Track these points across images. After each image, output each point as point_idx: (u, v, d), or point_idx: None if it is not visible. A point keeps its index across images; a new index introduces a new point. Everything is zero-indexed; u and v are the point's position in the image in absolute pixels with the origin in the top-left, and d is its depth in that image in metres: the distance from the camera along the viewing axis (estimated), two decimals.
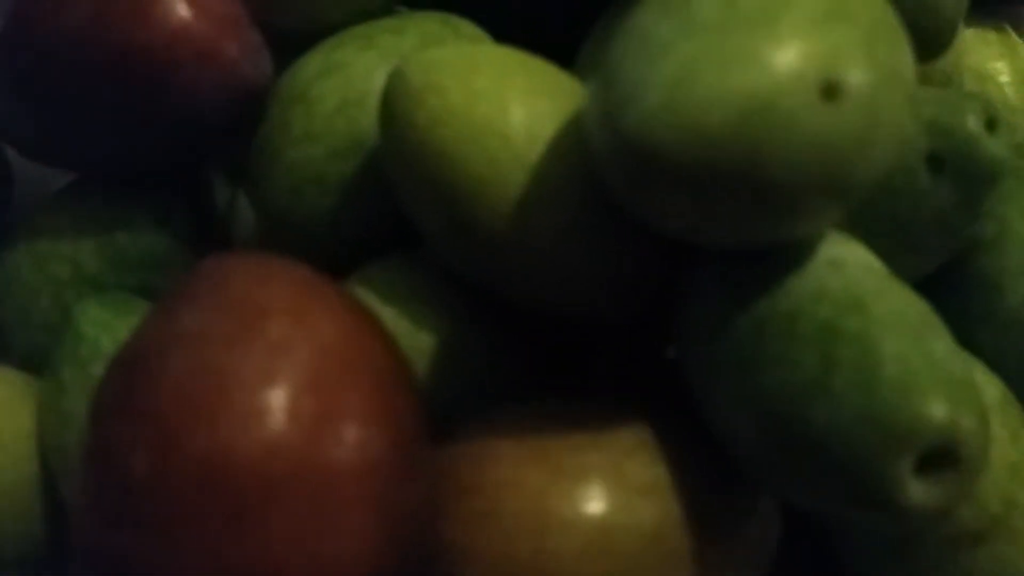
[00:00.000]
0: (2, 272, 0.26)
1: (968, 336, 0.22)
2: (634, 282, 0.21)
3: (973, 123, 0.21)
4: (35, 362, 0.26)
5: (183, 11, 0.22)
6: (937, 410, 0.17)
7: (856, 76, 0.16)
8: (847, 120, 0.16)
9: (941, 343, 0.18)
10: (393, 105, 0.21)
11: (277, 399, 0.16)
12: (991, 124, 0.21)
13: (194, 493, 0.16)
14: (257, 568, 0.16)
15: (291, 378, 0.17)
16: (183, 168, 0.26)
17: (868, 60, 0.17)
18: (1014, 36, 0.29)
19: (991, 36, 0.28)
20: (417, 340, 0.22)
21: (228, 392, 0.16)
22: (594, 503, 0.19)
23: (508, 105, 0.20)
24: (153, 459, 0.16)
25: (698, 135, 0.16)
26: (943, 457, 0.17)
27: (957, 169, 0.21)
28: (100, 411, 0.17)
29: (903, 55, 0.17)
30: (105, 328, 0.24)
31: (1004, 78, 0.28)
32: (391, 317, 0.22)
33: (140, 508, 0.16)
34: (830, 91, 0.16)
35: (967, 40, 0.27)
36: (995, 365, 0.22)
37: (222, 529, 0.16)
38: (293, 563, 0.16)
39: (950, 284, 0.23)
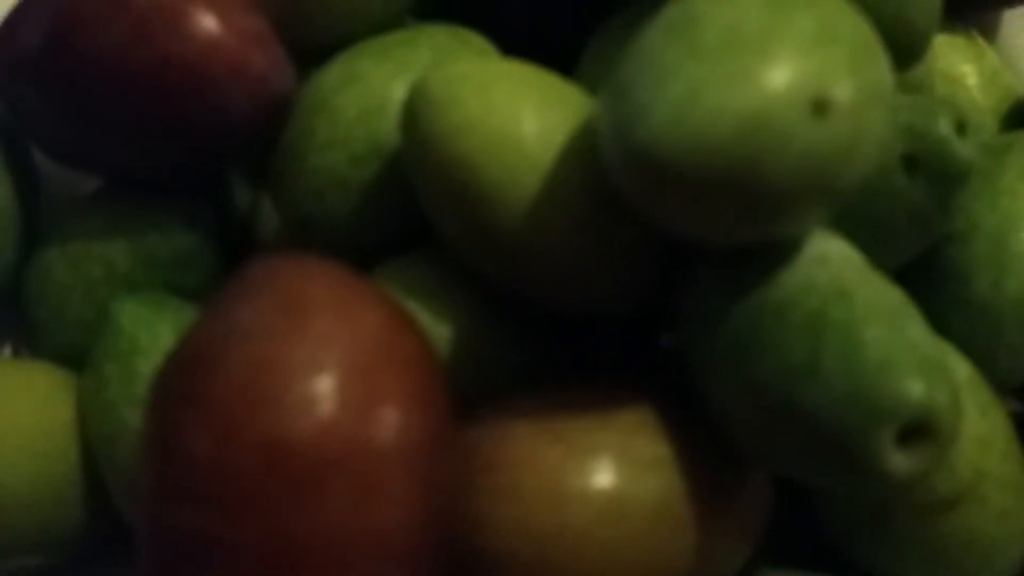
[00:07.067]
0: (35, 273, 0.27)
1: (940, 322, 0.23)
2: (638, 279, 0.22)
3: (944, 127, 0.22)
4: (68, 358, 0.27)
5: (216, 28, 0.24)
6: (915, 388, 0.19)
7: (843, 93, 0.18)
8: (835, 133, 0.18)
9: (917, 328, 0.20)
10: (416, 117, 0.22)
11: (326, 387, 0.18)
12: (961, 128, 0.22)
13: (254, 474, 0.18)
14: (314, 540, 0.18)
15: (337, 367, 0.18)
16: (207, 172, 0.28)
17: (853, 78, 0.18)
18: (981, 41, 0.30)
19: (959, 41, 0.29)
20: (435, 331, 0.23)
21: (282, 381, 0.18)
22: (605, 477, 0.20)
23: (522, 116, 0.21)
24: (215, 443, 0.18)
25: (702, 149, 0.17)
26: (920, 430, 0.19)
27: (930, 170, 0.22)
28: (161, 401, 0.19)
29: (883, 71, 0.19)
30: (142, 324, 0.25)
31: (972, 80, 0.29)
32: (411, 310, 0.23)
33: (204, 487, 0.18)
34: (820, 107, 0.18)
35: (937, 45, 0.29)
36: (965, 348, 0.24)
37: (281, 505, 0.18)
38: (347, 534, 0.18)
39: (923, 274, 0.24)
